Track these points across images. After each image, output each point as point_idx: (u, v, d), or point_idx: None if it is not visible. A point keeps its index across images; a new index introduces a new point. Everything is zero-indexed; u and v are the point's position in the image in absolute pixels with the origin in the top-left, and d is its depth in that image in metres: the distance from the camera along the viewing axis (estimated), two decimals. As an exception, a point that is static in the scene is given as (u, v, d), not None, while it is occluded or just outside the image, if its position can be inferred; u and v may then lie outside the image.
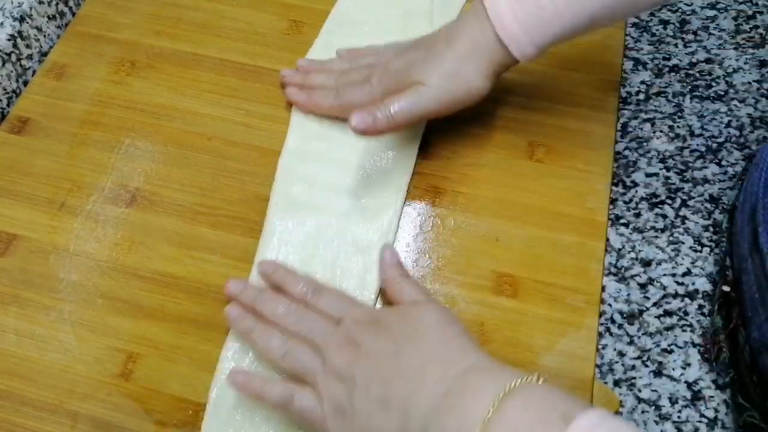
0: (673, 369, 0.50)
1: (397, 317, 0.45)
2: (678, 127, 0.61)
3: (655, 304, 0.52)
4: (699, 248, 0.55)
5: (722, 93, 0.63)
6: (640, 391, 0.49)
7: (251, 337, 0.47)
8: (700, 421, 0.48)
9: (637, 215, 0.56)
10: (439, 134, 0.58)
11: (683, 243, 0.55)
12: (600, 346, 0.51)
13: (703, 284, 0.53)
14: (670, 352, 0.51)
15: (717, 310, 0.51)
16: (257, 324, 0.48)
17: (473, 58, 0.51)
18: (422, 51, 0.53)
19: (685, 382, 0.50)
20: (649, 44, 0.65)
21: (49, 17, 0.65)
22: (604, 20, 0.50)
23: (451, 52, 0.52)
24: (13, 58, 0.62)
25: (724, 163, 0.59)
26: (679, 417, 0.48)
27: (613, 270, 0.54)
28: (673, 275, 0.54)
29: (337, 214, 0.54)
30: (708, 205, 0.57)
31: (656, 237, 0.55)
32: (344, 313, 0.46)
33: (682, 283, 0.53)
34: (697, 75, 0.64)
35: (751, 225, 0.48)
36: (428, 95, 0.52)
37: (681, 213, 0.56)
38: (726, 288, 0.50)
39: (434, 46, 0.53)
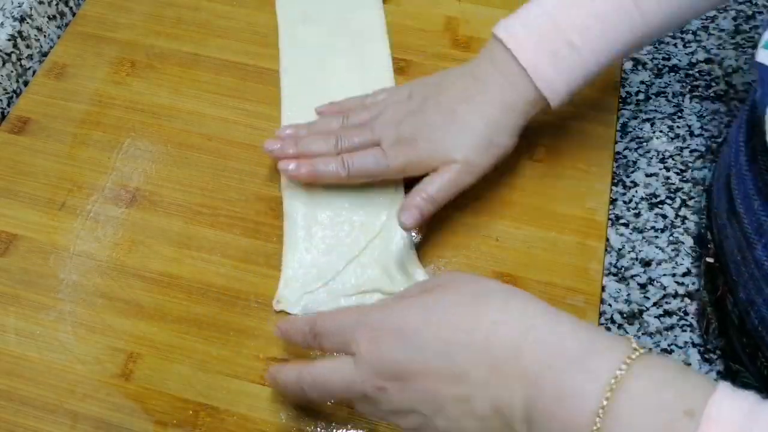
0: (673, 369, 0.50)
1: None
2: (678, 127, 0.61)
3: (655, 304, 0.52)
4: (699, 248, 0.55)
5: (722, 93, 0.63)
6: (639, 391, 0.49)
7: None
8: (699, 421, 0.48)
9: (637, 215, 0.56)
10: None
11: (683, 243, 0.55)
12: (600, 346, 0.51)
13: (703, 284, 0.53)
14: (670, 352, 0.51)
15: (703, 284, 0.51)
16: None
17: (507, 119, 0.49)
18: (437, 113, 0.50)
19: (685, 382, 0.50)
20: (648, 44, 0.66)
21: (49, 17, 0.65)
22: (635, 48, 0.50)
23: (479, 121, 0.49)
24: (14, 58, 0.62)
25: (723, 163, 0.59)
26: (678, 417, 0.48)
27: (613, 270, 0.54)
28: (673, 275, 0.54)
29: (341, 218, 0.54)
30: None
31: (656, 237, 0.55)
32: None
33: (682, 283, 0.53)
34: (697, 75, 0.64)
35: (726, 192, 0.48)
36: (465, 172, 0.49)
37: (681, 213, 0.56)
38: (710, 260, 0.50)
39: (455, 110, 0.50)
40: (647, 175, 0.58)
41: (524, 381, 0.34)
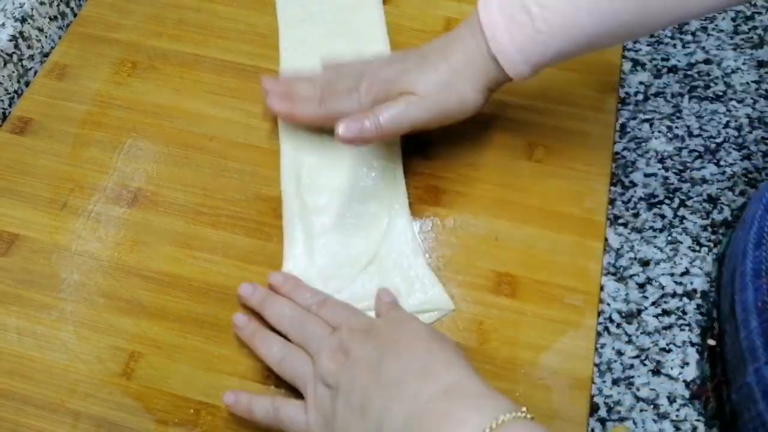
0: (672, 368, 0.50)
1: (387, 326, 0.45)
2: (676, 127, 0.61)
3: (653, 304, 0.53)
4: (697, 248, 0.55)
5: (721, 93, 0.63)
6: (638, 390, 0.50)
7: (254, 342, 0.48)
8: (698, 420, 0.48)
9: (636, 215, 0.57)
10: (439, 134, 0.58)
11: (681, 243, 0.55)
12: (598, 345, 0.51)
13: (701, 284, 0.53)
14: (669, 351, 0.51)
15: (707, 358, 0.50)
16: (259, 330, 0.48)
17: (467, 72, 0.50)
18: (414, 61, 0.52)
19: (684, 380, 0.50)
20: (647, 45, 0.66)
21: (50, 18, 0.66)
22: (601, 44, 0.49)
23: (444, 64, 0.51)
24: (15, 58, 0.62)
25: (722, 163, 0.59)
26: (677, 416, 0.49)
27: (611, 269, 0.54)
28: (672, 275, 0.54)
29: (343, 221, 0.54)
30: (706, 205, 0.57)
31: (655, 237, 0.55)
32: (343, 322, 0.46)
33: (680, 283, 0.53)
34: (696, 75, 0.64)
35: (730, 288, 0.48)
36: (418, 105, 0.51)
37: (679, 213, 0.57)
38: (712, 342, 0.50)
39: (427, 57, 0.52)
40: (646, 175, 0.58)
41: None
